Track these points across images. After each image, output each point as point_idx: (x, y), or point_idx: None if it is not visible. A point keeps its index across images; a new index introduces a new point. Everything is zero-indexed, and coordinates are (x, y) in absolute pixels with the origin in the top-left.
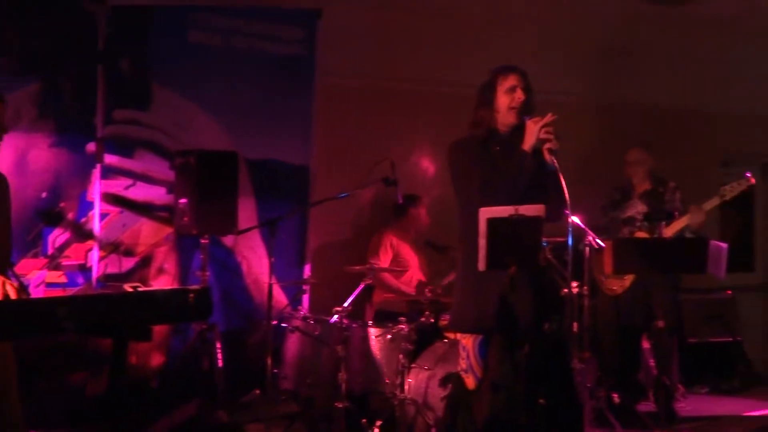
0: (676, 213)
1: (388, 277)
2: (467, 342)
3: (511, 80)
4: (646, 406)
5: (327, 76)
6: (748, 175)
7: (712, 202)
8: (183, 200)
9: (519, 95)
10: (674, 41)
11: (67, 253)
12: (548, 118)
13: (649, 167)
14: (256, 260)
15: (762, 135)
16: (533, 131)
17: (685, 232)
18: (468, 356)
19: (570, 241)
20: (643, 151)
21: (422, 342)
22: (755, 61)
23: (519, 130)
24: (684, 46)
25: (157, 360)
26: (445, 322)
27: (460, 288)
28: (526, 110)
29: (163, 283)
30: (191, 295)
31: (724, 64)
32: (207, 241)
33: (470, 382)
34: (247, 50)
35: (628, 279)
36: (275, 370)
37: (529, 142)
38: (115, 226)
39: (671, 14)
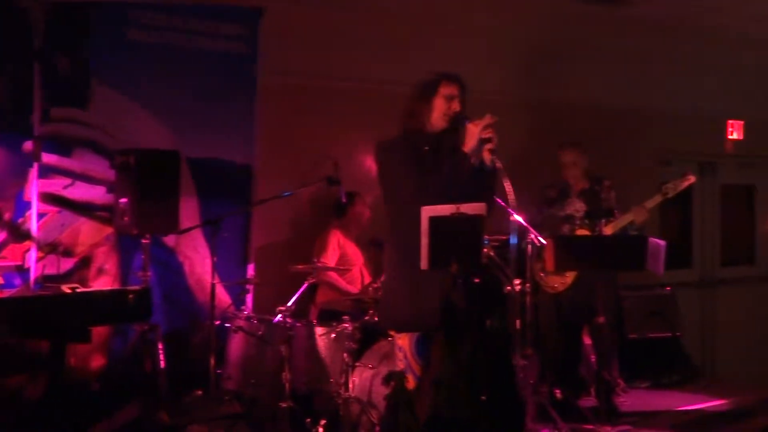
0: (616, 212)
1: (333, 276)
2: (403, 342)
3: (452, 89)
4: (588, 401)
5: (270, 74)
6: (689, 173)
7: (655, 200)
8: (123, 200)
9: (455, 105)
10: (614, 41)
11: (3, 254)
12: (487, 119)
13: (584, 166)
14: (198, 260)
15: (700, 134)
16: (474, 134)
17: (627, 230)
18: (405, 356)
19: (513, 240)
20: (576, 151)
21: (366, 341)
22: (693, 61)
23: (446, 132)
24: (623, 46)
25: (97, 362)
26: None
27: (394, 286)
28: (456, 121)
29: (103, 284)
30: (131, 295)
31: (662, 64)
32: (148, 241)
33: (410, 381)
34: (188, 48)
35: (570, 276)
36: (218, 371)
37: (470, 145)
38: (53, 226)
39: (610, 14)
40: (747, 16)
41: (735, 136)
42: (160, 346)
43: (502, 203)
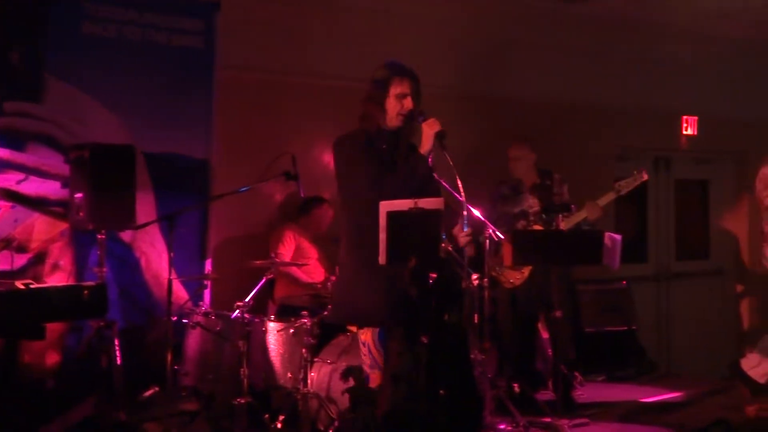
0: (573, 207)
1: (292, 270)
2: (366, 337)
3: (403, 87)
4: (545, 395)
5: (227, 69)
6: (643, 171)
7: (608, 197)
8: (78, 195)
9: (408, 104)
10: (569, 37)
11: None
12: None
13: (533, 161)
14: (155, 255)
15: (654, 130)
16: (429, 136)
17: (581, 226)
18: (369, 351)
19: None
20: (524, 146)
21: (325, 336)
22: (647, 58)
23: (403, 130)
24: (578, 42)
25: (52, 359)
26: None
27: (350, 281)
28: (412, 117)
29: (57, 279)
30: (86, 291)
31: (617, 60)
32: (104, 236)
33: (376, 377)
34: (144, 42)
35: (527, 270)
36: (175, 367)
37: (426, 147)
38: (6, 222)
39: (564, 10)
40: (701, 13)
41: (689, 131)
42: (116, 342)
43: (460, 198)
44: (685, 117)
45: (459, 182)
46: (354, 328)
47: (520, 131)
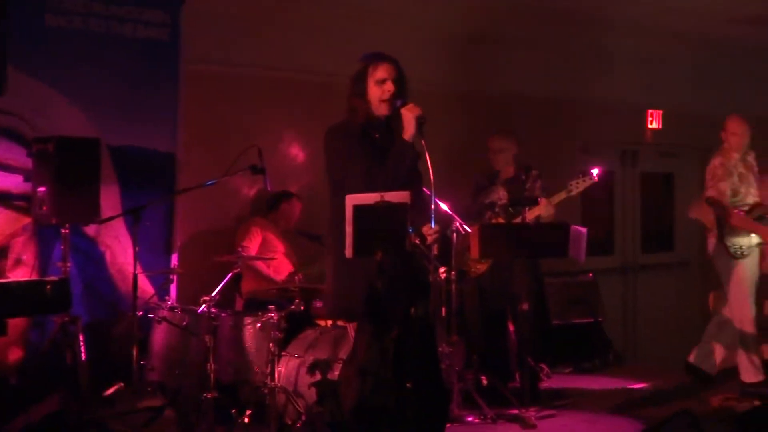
0: (542, 200)
1: (258, 264)
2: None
3: (380, 72)
4: (513, 387)
5: (193, 62)
6: (593, 172)
7: (560, 196)
8: (42, 189)
9: (389, 87)
10: (536, 32)
11: None
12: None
13: (513, 154)
14: (120, 250)
15: (619, 124)
16: (410, 120)
17: (539, 221)
18: None
19: (433, 225)
20: (504, 138)
21: (292, 330)
22: (613, 52)
23: (395, 117)
24: (546, 38)
25: (14, 355)
26: (316, 309)
27: (333, 276)
28: (398, 100)
29: (20, 274)
30: (48, 286)
31: (584, 56)
32: (68, 230)
33: None
34: (109, 34)
35: (486, 262)
36: (141, 362)
37: (409, 132)
38: None
39: (534, 6)
40: (667, 9)
41: (654, 125)
42: (80, 337)
43: (428, 192)
44: (650, 111)
45: (431, 173)
46: (323, 321)
47: (490, 124)
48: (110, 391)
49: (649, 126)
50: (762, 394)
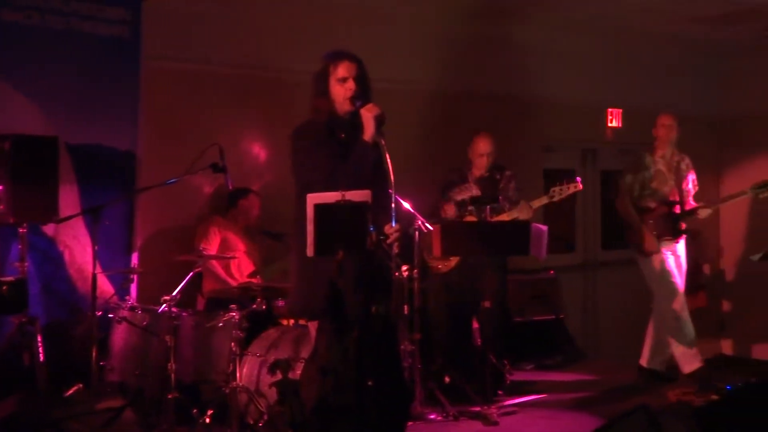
0: (501, 197)
1: (214, 265)
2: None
3: (341, 70)
4: (475, 384)
5: (154, 59)
6: (579, 180)
7: (541, 201)
8: None
9: (350, 85)
10: (499, 31)
11: None
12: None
13: (495, 157)
14: (79, 249)
15: (581, 123)
16: (369, 120)
17: None
18: None
19: (394, 224)
20: (490, 141)
21: (254, 329)
22: (575, 53)
23: (356, 116)
24: (508, 37)
25: None
26: (278, 308)
27: (296, 275)
28: (360, 98)
29: None
30: (4, 287)
31: (546, 55)
32: (25, 230)
33: None
34: (68, 31)
35: (453, 260)
36: (101, 363)
37: (368, 133)
38: None
39: (494, 4)
40: (625, 7)
41: (614, 123)
42: (38, 338)
43: (390, 191)
44: (610, 109)
45: (391, 172)
46: (285, 321)
47: (447, 123)
48: (69, 392)
49: (609, 124)
50: (719, 388)
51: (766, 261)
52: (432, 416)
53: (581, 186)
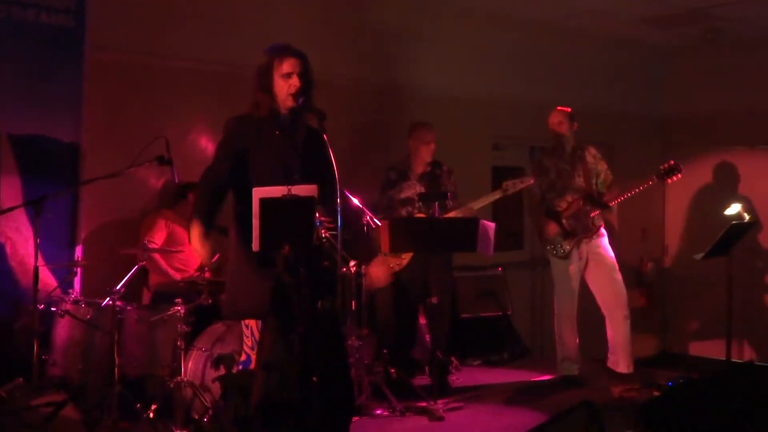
0: (450, 194)
1: (156, 258)
2: (251, 321)
3: (286, 66)
4: (422, 380)
5: (99, 50)
6: (530, 176)
7: (494, 195)
8: None
9: (294, 82)
10: (446, 29)
11: None
12: None
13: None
14: (21, 242)
15: (529, 121)
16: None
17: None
18: (252, 333)
19: (340, 221)
20: (433, 131)
21: (200, 323)
22: (525, 53)
23: (298, 113)
24: (457, 35)
25: None
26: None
27: (235, 272)
28: (303, 95)
29: None
30: None
31: (495, 53)
32: None
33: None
34: (10, 19)
35: (406, 258)
36: (43, 357)
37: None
38: None
39: (450, 4)
40: (573, 10)
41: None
42: None
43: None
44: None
45: (335, 166)
46: None
47: (397, 120)
48: (8, 387)
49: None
50: (660, 385)
51: (708, 260)
52: (378, 411)
53: (533, 180)
